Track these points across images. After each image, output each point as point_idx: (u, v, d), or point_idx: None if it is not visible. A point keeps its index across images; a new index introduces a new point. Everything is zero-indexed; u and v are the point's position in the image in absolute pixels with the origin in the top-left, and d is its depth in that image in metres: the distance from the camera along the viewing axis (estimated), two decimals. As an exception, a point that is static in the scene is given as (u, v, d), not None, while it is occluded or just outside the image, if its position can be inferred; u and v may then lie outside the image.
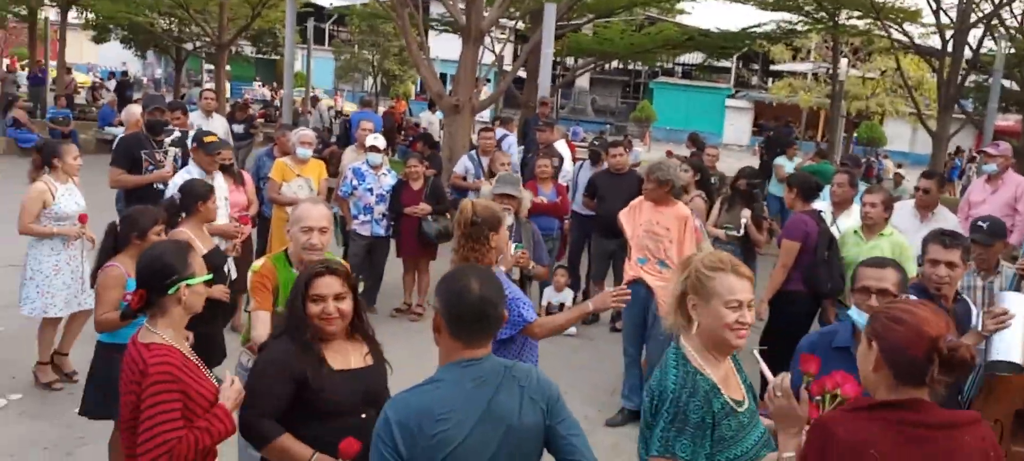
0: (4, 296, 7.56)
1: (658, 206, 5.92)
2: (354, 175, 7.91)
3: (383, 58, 35.34)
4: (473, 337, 2.40)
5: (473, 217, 3.97)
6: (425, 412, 2.30)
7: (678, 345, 2.58)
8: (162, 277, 2.78)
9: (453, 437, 2.28)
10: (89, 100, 26.45)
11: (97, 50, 35.46)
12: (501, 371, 2.41)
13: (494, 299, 2.41)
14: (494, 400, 2.34)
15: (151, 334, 2.79)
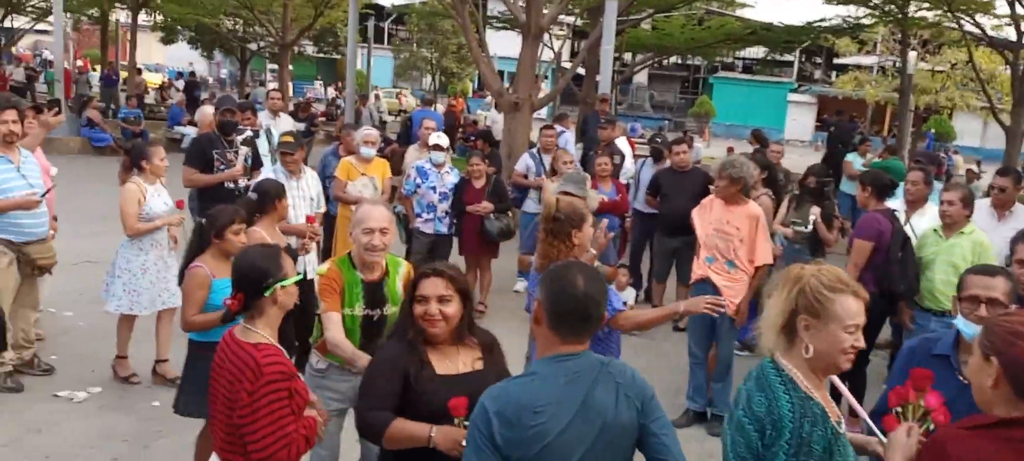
0: (82, 291, 7.85)
1: (729, 205, 5.81)
2: (417, 173, 7.99)
3: (441, 56, 35.62)
4: (573, 333, 2.40)
5: (555, 213, 4.02)
6: (522, 404, 2.31)
7: (777, 366, 2.42)
8: (258, 280, 2.89)
9: (549, 430, 2.28)
10: (158, 100, 27.17)
11: (165, 51, 36.42)
12: (597, 367, 2.40)
13: (598, 297, 2.41)
14: (590, 395, 2.33)
15: (252, 334, 2.90)
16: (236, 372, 2.81)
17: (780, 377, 2.37)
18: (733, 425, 2.41)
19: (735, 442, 2.38)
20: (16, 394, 5.64)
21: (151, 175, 6.02)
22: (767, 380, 2.39)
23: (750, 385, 2.43)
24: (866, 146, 13.74)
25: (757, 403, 2.36)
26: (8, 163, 5.42)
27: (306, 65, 41.12)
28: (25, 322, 5.92)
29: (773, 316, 2.43)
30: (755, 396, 2.38)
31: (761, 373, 2.42)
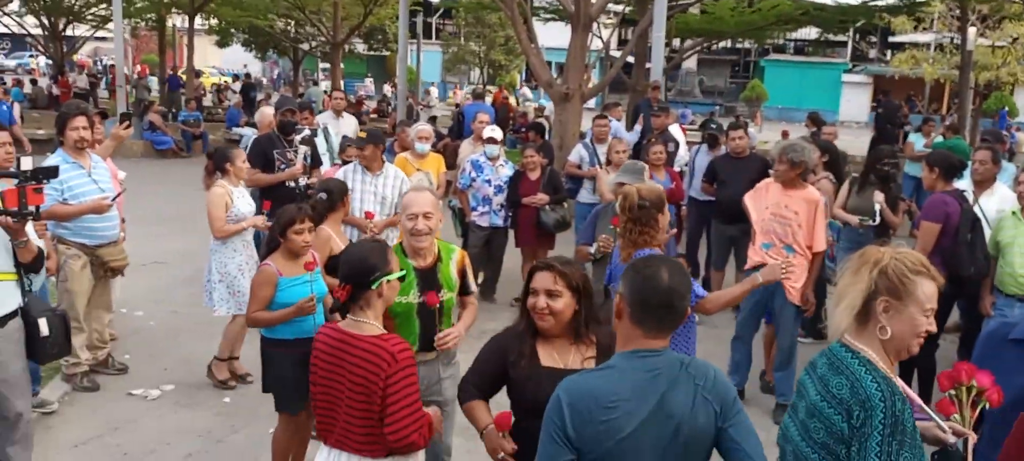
0: (152, 291, 8.09)
1: (787, 189, 5.75)
2: (472, 167, 8.05)
3: (489, 49, 35.68)
4: (656, 327, 2.37)
5: (639, 200, 4.12)
6: (596, 397, 2.29)
7: (850, 348, 2.36)
8: (366, 274, 3.03)
9: (622, 426, 2.26)
10: (215, 102, 27.73)
11: (221, 54, 37.15)
12: (677, 366, 2.36)
13: (682, 292, 2.39)
14: (667, 395, 2.30)
15: (366, 326, 3.03)
16: (364, 363, 2.93)
17: (857, 359, 2.33)
18: (802, 412, 2.38)
19: (810, 428, 2.34)
20: (92, 393, 5.83)
21: (234, 177, 6.12)
22: (842, 362, 2.34)
23: (821, 370, 2.38)
24: (929, 126, 13.42)
25: (836, 386, 2.30)
26: (79, 168, 5.59)
27: (357, 63, 41.56)
28: (99, 323, 6.11)
29: (851, 297, 2.36)
30: (832, 379, 2.33)
31: (833, 357, 2.38)
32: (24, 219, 3.86)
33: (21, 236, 3.93)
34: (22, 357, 4.18)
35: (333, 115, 9.90)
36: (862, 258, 2.40)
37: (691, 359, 2.43)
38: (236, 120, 19.55)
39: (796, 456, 2.39)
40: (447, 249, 3.94)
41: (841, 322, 2.39)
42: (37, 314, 4.18)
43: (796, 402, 2.47)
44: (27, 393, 4.29)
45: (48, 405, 5.51)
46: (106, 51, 40.31)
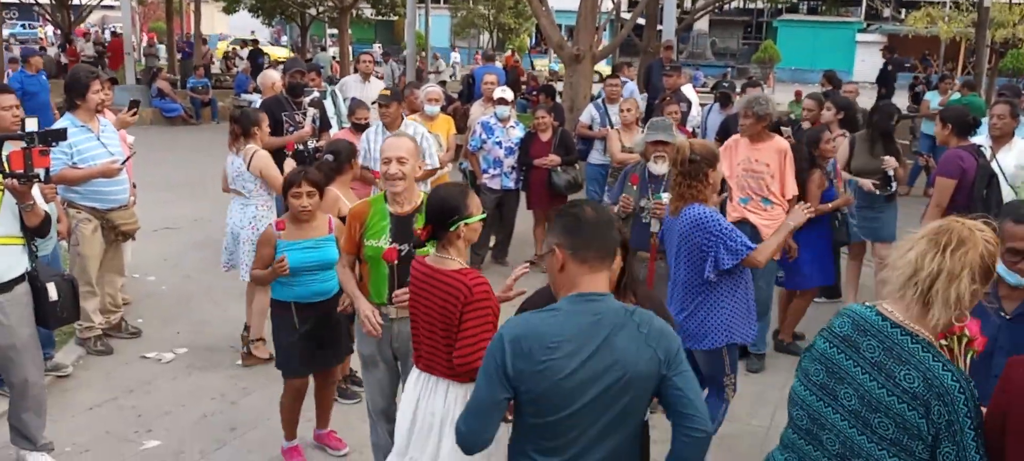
0: (164, 257, 8.11)
1: (755, 142, 5.84)
2: (483, 129, 7.99)
3: (498, 12, 35.37)
4: (596, 258, 2.38)
5: (691, 155, 4.18)
6: (538, 336, 2.30)
7: (908, 331, 2.18)
8: (446, 215, 3.17)
9: (562, 367, 2.27)
10: (223, 69, 27.63)
11: (227, 20, 36.97)
12: (622, 313, 2.35)
13: (608, 220, 2.46)
14: (610, 338, 2.30)
15: (449, 261, 3.20)
16: (444, 295, 3.14)
17: (919, 343, 2.16)
18: (853, 401, 2.20)
19: (873, 423, 2.17)
20: (106, 356, 5.85)
21: (260, 141, 6.05)
22: (905, 350, 2.16)
23: (875, 355, 2.18)
24: (947, 84, 13.26)
25: (906, 378, 2.12)
26: (88, 132, 5.57)
27: (364, 28, 41.29)
28: (112, 287, 6.12)
29: (957, 290, 2.13)
30: (897, 370, 2.14)
31: (887, 341, 2.19)
32: (30, 182, 3.84)
33: (27, 199, 3.91)
34: (30, 323, 4.17)
35: (360, 79, 9.73)
36: (952, 239, 2.17)
37: (636, 309, 2.42)
38: (244, 86, 19.47)
39: (845, 445, 2.22)
40: None
41: (941, 318, 2.16)
42: (45, 279, 4.16)
43: (828, 384, 2.27)
44: (36, 359, 4.29)
45: (63, 368, 5.54)
46: (113, 19, 40.15)
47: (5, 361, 4.18)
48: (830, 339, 2.32)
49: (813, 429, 2.30)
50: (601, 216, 2.44)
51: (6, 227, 4.00)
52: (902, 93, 20.14)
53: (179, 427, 4.93)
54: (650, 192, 5.46)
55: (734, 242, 4.09)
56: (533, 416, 2.35)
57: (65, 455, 4.55)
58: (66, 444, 4.64)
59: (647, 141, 5.57)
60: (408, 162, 3.70)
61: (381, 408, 4.03)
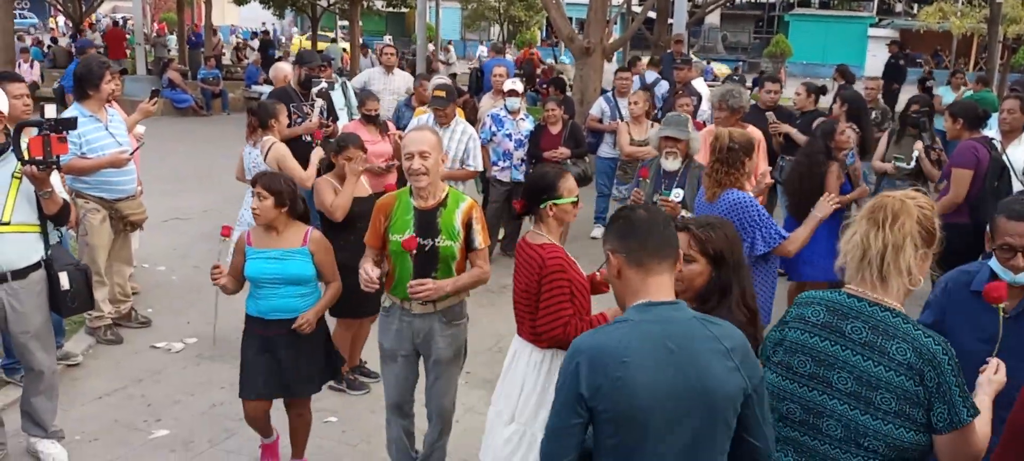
0: (174, 247, 8.13)
1: None
2: (493, 121, 7.97)
3: (509, 5, 35.30)
4: (656, 258, 2.22)
5: (730, 143, 4.33)
6: (609, 350, 2.11)
7: (885, 306, 2.28)
8: (538, 193, 3.44)
9: (635, 381, 2.08)
10: (234, 60, 27.68)
11: (238, 12, 37.02)
12: (696, 322, 2.18)
13: (662, 219, 2.32)
14: (688, 348, 2.12)
15: (539, 236, 3.45)
16: (527, 266, 3.40)
17: (899, 316, 2.26)
18: (850, 384, 2.24)
19: (875, 400, 2.23)
20: (116, 346, 5.87)
21: (277, 133, 6.05)
22: (887, 324, 2.25)
23: (863, 335, 2.25)
24: (958, 79, 13.19)
25: (899, 351, 2.22)
26: (97, 122, 5.58)
27: (375, 20, 41.30)
28: (121, 277, 6.14)
29: (904, 260, 2.27)
30: (889, 345, 2.23)
31: (876, 322, 2.26)
32: (49, 168, 3.85)
33: (46, 186, 3.92)
34: (45, 310, 4.19)
35: (383, 71, 9.71)
36: (881, 209, 2.30)
37: (714, 319, 2.25)
38: (255, 78, 19.50)
39: (848, 428, 2.27)
40: (457, 198, 3.80)
41: (898, 290, 2.29)
42: (59, 268, 4.17)
43: (818, 372, 2.31)
44: (50, 346, 4.32)
45: (73, 357, 5.56)
46: (124, 10, 40.26)
47: (20, 347, 4.21)
48: (808, 329, 2.36)
49: (809, 419, 2.35)
50: (655, 216, 2.32)
51: (22, 214, 4.02)
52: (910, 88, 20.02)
53: (188, 416, 4.95)
54: (662, 187, 5.40)
55: (769, 230, 4.23)
56: (610, 436, 2.15)
57: (74, 443, 4.57)
58: (75, 433, 4.67)
59: (660, 136, 5.51)
60: (431, 156, 3.66)
61: (395, 403, 4.02)
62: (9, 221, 3.98)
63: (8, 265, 4.01)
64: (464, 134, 6.80)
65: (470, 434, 4.82)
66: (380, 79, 9.58)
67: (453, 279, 3.76)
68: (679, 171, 5.36)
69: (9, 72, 5.41)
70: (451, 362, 3.97)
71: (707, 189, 4.51)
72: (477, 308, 6.85)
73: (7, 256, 4.00)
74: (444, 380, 3.98)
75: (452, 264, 3.77)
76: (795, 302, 2.48)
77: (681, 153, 5.38)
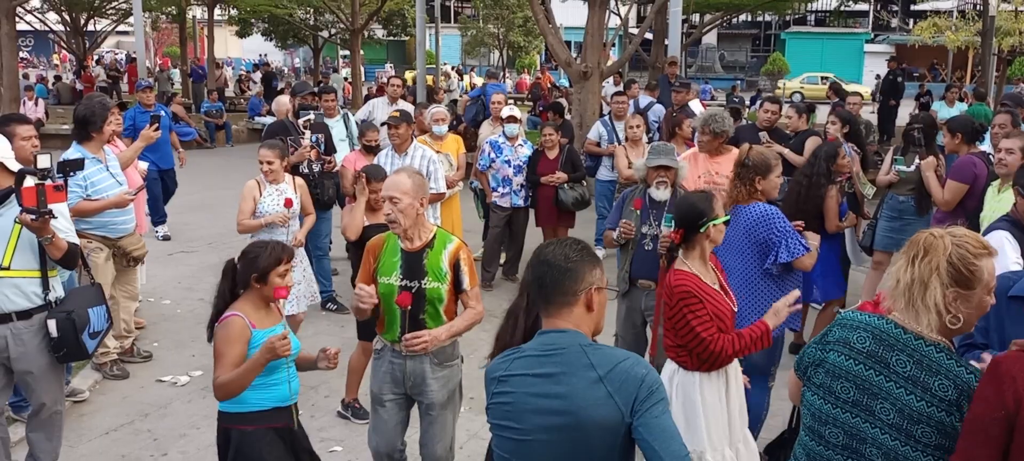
0: (177, 280, 8.20)
1: (714, 157, 6.12)
2: (491, 148, 8.06)
3: (508, 30, 35.59)
4: (539, 303, 2.38)
5: (744, 160, 4.52)
6: (495, 369, 2.38)
7: (931, 341, 2.27)
8: (695, 219, 3.50)
9: (512, 404, 2.29)
10: (237, 92, 27.91)
11: (240, 44, 37.39)
12: (578, 352, 2.25)
13: (557, 264, 2.30)
14: (559, 379, 2.23)
15: (682, 264, 3.55)
16: (666, 292, 3.54)
17: (942, 352, 2.26)
18: (892, 416, 2.26)
19: (917, 434, 2.24)
20: (122, 380, 5.93)
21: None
22: (931, 360, 2.25)
23: (908, 369, 2.26)
24: (953, 94, 13.30)
25: (941, 388, 2.22)
26: (97, 163, 5.65)
27: (376, 49, 41.61)
28: (126, 313, 6.19)
29: (930, 296, 2.25)
30: (932, 382, 2.23)
31: (920, 356, 2.26)
32: (44, 218, 3.90)
33: (46, 233, 3.95)
34: (46, 352, 4.18)
35: (388, 102, 9.81)
36: (920, 248, 2.30)
37: (599, 348, 2.30)
38: (258, 109, 19.66)
39: (888, 456, 2.29)
40: (444, 239, 3.76)
41: (929, 325, 2.27)
42: (50, 315, 4.13)
43: (862, 400, 2.33)
44: (53, 386, 4.30)
45: (79, 394, 5.61)
46: (128, 45, 40.64)
47: (23, 385, 4.27)
48: (853, 355, 2.36)
49: (853, 444, 2.35)
50: (552, 257, 2.34)
51: (23, 260, 4.07)
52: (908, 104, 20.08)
53: (195, 449, 4.99)
54: (651, 218, 5.26)
55: (793, 242, 4.38)
56: (499, 447, 2.39)
57: (82, 479, 4.61)
58: (83, 468, 4.71)
59: (648, 166, 5.36)
60: (402, 201, 3.60)
61: (385, 452, 3.94)
62: (9, 266, 4.03)
63: (11, 307, 4.07)
64: (424, 158, 6.73)
65: (474, 460, 4.87)
66: (384, 110, 9.67)
67: (447, 326, 3.73)
68: (667, 200, 5.26)
69: (16, 115, 5.49)
70: (445, 406, 3.88)
71: (724, 202, 4.68)
72: (480, 332, 6.84)
73: (9, 300, 4.05)
74: (438, 425, 3.88)
75: (440, 306, 3.72)
76: (838, 323, 2.48)
77: (671, 182, 5.30)
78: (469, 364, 4.16)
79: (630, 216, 5.31)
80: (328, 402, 5.54)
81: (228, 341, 3.38)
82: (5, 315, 4.06)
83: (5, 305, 4.05)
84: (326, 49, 33.80)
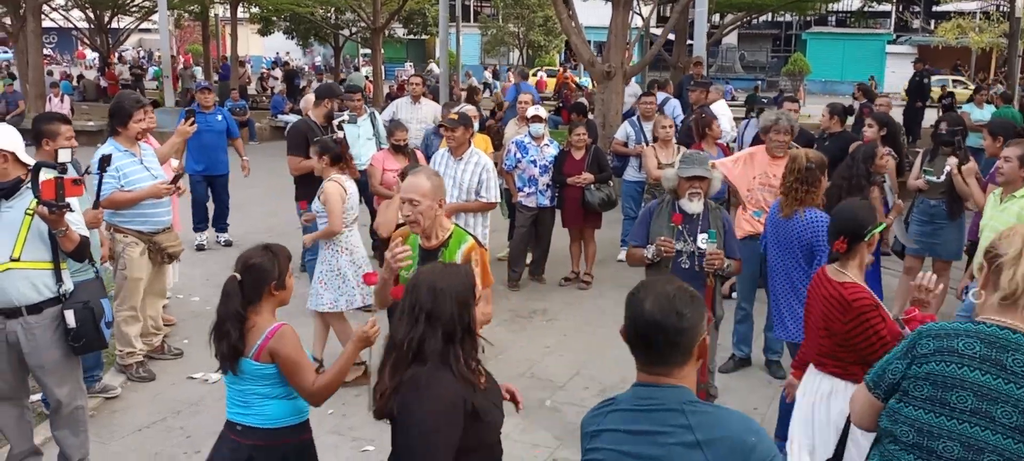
0: (206, 278, 8.23)
1: (775, 159, 5.98)
2: (517, 148, 8.03)
3: (528, 30, 35.57)
4: (642, 361, 2.13)
5: (807, 164, 4.56)
6: (586, 423, 2.23)
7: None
8: (860, 227, 3.52)
9: (598, 455, 2.14)
10: (259, 90, 28.04)
11: (262, 42, 37.55)
12: (678, 412, 2.05)
13: (665, 323, 2.04)
14: (652, 437, 2.05)
15: (841, 274, 3.53)
16: (829, 306, 3.50)
17: None
18: (1015, 417, 2.24)
19: None
20: (152, 379, 5.93)
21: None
22: None
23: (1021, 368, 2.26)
24: (982, 96, 13.19)
25: None
26: (132, 157, 5.69)
27: (396, 47, 41.71)
28: (154, 309, 6.21)
29: None
30: None
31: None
32: (60, 211, 3.92)
33: (60, 226, 3.96)
34: (61, 345, 4.19)
35: (410, 101, 9.81)
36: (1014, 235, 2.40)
37: (698, 407, 2.08)
38: (281, 107, 19.73)
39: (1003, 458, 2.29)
40: (459, 238, 3.84)
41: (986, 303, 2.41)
42: (67, 306, 4.15)
43: (981, 407, 2.29)
44: (68, 380, 4.29)
45: (111, 390, 5.64)
46: (151, 43, 40.92)
47: (38, 381, 4.28)
48: (965, 362, 2.32)
49: (969, 456, 2.31)
50: (657, 317, 2.05)
51: (33, 251, 4.07)
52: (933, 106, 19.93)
53: (227, 447, 4.99)
54: (686, 233, 4.94)
55: None
56: None
57: (116, 476, 4.63)
58: (117, 465, 4.73)
59: (681, 176, 4.96)
60: (421, 203, 3.69)
61: None
62: (19, 257, 4.04)
63: (21, 301, 4.07)
64: (478, 165, 6.51)
65: (506, 461, 4.86)
66: (407, 108, 9.68)
67: None
68: (700, 213, 4.96)
69: (58, 114, 5.50)
70: None
71: (784, 207, 4.71)
72: (508, 334, 6.90)
73: (20, 291, 4.06)
74: None
75: None
76: (924, 334, 2.44)
77: (704, 193, 4.97)
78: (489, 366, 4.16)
79: (667, 231, 4.95)
80: (359, 400, 5.53)
81: (297, 349, 3.27)
82: (15, 309, 4.07)
83: (15, 297, 4.05)
84: (347, 47, 33.93)
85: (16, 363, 4.20)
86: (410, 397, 2.50)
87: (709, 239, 4.74)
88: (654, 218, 5.06)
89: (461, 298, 2.60)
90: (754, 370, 6.20)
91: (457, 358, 2.56)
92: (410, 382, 2.52)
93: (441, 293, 2.58)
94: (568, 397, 5.71)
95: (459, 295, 2.60)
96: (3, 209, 4.04)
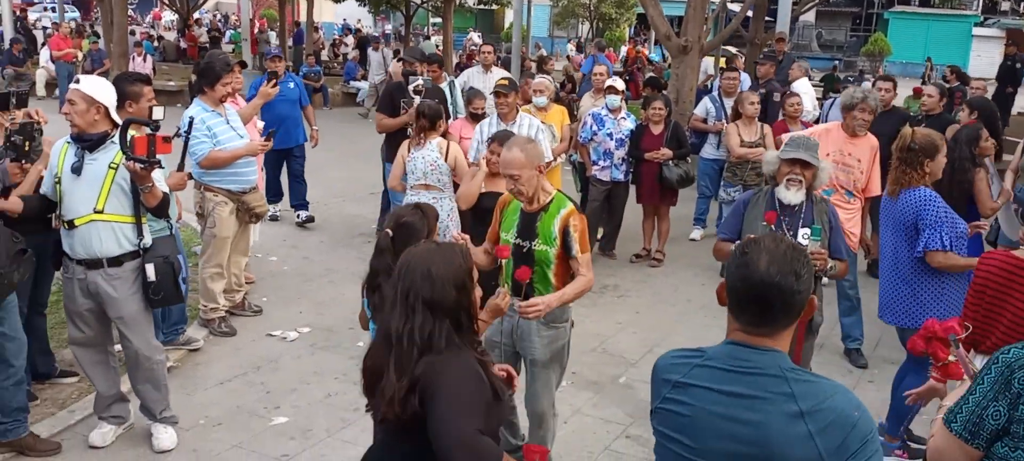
0: (283, 239, 8.41)
1: (852, 137, 5.88)
2: (593, 120, 7.94)
3: (599, 2, 35.18)
4: (751, 323, 2.01)
5: (911, 144, 4.39)
6: (668, 372, 2.10)
7: None
8: None
9: (687, 415, 2.02)
10: (331, 56, 28.33)
11: (334, 9, 37.84)
12: (778, 378, 1.96)
13: (782, 283, 1.94)
14: (750, 402, 1.95)
15: None
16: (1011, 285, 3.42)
17: None
18: None
19: None
20: (233, 334, 6.08)
21: None
22: None
23: None
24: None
25: None
26: (218, 117, 5.81)
27: (465, 17, 41.63)
28: (237, 267, 6.36)
29: None
30: None
31: None
32: (151, 167, 4.00)
33: (147, 181, 4.05)
34: (140, 298, 4.30)
35: (481, 70, 9.83)
36: None
37: (800, 374, 2.00)
38: (354, 73, 19.91)
39: None
40: (559, 203, 3.89)
41: None
42: (147, 259, 4.26)
43: None
44: (146, 333, 4.40)
45: (194, 342, 5.79)
46: (227, 6, 41.63)
47: (119, 332, 4.40)
48: None
49: None
50: (772, 276, 1.95)
51: (116, 204, 4.17)
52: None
53: (306, 404, 5.10)
54: (784, 228, 4.33)
55: (954, 228, 4.29)
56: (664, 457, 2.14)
57: (199, 428, 4.76)
58: (200, 417, 4.86)
59: (783, 158, 4.40)
60: (521, 175, 3.78)
61: None
62: (103, 209, 4.15)
63: (103, 252, 4.18)
64: (529, 127, 6.63)
65: (578, 435, 4.86)
66: (478, 78, 9.66)
67: (559, 294, 3.83)
68: (801, 205, 4.37)
69: (141, 75, 5.64)
70: (547, 365, 4.01)
71: (889, 185, 4.60)
72: (580, 308, 6.82)
73: (102, 243, 4.17)
74: (540, 382, 4.04)
75: (548, 269, 3.87)
76: (1014, 367, 2.22)
77: (807, 183, 4.35)
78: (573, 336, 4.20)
79: (762, 230, 4.26)
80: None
81: None
82: (96, 261, 4.18)
83: (98, 248, 4.16)
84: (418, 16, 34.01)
85: (99, 312, 4.33)
86: (432, 380, 2.36)
87: (812, 236, 4.17)
88: (748, 211, 4.48)
89: (458, 282, 2.48)
90: (832, 356, 6.07)
91: (468, 343, 2.51)
92: (428, 371, 2.37)
93: (439, 280, 2.45)
94: (640, 375, 5.67)
95: (457, 279, 2.48)
96: (87, 161, 4.15)
